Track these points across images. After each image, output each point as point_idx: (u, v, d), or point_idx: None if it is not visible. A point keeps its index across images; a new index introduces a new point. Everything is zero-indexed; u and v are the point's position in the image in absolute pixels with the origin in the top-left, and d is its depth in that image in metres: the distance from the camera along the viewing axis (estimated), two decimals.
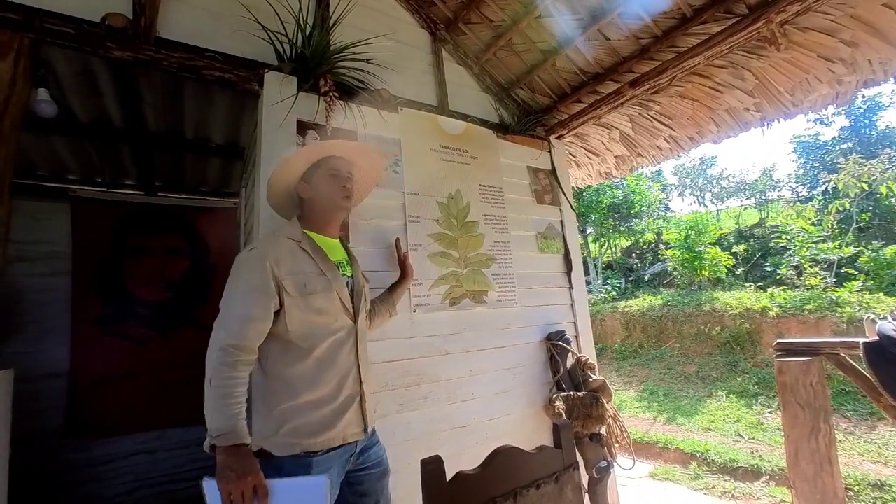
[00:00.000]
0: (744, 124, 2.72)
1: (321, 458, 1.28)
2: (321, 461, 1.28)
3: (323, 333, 1.34)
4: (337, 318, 1.37)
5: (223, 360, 1.20)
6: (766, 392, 5.38)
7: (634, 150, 3.29)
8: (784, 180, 14.47)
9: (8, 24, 1.61)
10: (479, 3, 2.62)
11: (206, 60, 1.96)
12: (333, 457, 1.32)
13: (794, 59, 2.28)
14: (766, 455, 3.94)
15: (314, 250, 1.39)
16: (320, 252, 1.41)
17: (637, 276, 11.71)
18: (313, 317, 1.31)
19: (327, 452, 1.30)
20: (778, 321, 6.22)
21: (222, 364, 1.19)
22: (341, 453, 1.35)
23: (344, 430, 1.34)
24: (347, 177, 1.51)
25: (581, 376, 2.53)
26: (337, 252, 1.51)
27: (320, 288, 1.33)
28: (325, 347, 1.33)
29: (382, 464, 1.50)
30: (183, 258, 3.39)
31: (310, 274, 1.34)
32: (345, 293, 1.40)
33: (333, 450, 1.32)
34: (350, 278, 1.48)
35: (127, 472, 3.11)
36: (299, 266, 1.33)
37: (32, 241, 2.96)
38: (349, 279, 1.47)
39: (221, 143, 3.00)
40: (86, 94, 2.36)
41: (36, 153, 2.90)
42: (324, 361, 1.33)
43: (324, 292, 1.33)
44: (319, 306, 1.32)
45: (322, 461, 1.28)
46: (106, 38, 1.76)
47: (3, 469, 1.49)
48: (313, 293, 1.31)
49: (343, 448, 1.35)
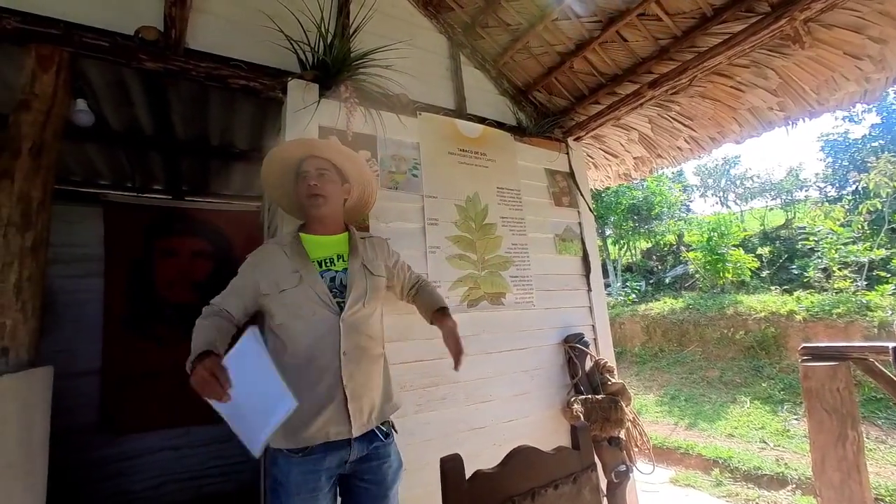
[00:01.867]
0: (767, 124, 2.67)
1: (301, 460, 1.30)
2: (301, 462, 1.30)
3: (302, 328, 1.36)
4: (315, 313, 1.37)
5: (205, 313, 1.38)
6: (793, 398, 5.23)
7: (654, 151, 3.26)
8: (811, 180, 14.01)
9: (50, 38, 1.71)
10: (496, 6, 2.64)
11: (232, 69, 2.03)
12: (318, 460, 1.31)
13: (819, 56, 2.23)
14: (793, 463, 3.83)
15: (294, 251, 1.45)
16: (300, 251, 1.45)
17: (657, 279, 11.50)
18: (291, 310, 1.37)
19: (311, 453, 1.30)
20: (805, 325, 6.04)
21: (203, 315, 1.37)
22: (326, 455, 1.32)
23: (325, 429, 1.30)
24: (316, 174, 1.50)
25: (600, 379, 2.52)
26: (330, 248, 1.51)
27: (291, 285, 1.38)
28: (304, 343, 1.36)
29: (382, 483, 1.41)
30: (208, 260, 3.49)
31: (282, 273, 1.40)
32: (320, 287, 1.39)
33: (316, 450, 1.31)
34: (340, 272, 1.46)
35: (154, 467, 3.22)
36: (275, 267, 1.42)
37: (67, 244, 3.09)
38: (337, 273, 1.46)
39: (245, 148, 3.09)
40: (119, 103, 2.46)
41: (71, 160, 3.03)
42: (304, 355, 1.35)
43: (294, 288, 1.38)
44: (292, 302, 1.37)
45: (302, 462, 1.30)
46: (139, 51, 1.85)
47: (43, 461, 1.57)
48: (285, 290, 1.38)
49: (328, 446, 1.32)
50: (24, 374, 1.45)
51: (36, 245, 1.59)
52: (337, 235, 1.56)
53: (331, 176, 1.54)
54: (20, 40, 1.68)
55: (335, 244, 1.53)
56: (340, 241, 1.55)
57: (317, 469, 1.31)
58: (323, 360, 1.35)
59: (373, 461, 1.40)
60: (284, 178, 1.64)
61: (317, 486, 1.31)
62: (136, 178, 3.43)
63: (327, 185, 1.51)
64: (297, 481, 1.29)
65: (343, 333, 1.37)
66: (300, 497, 1.29)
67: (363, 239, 1.62)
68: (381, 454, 1.43)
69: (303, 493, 1.29)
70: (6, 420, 1.30)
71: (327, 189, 1.51)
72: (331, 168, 1.55)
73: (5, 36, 1.66)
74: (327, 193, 1.50)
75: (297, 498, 1.29)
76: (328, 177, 1.52)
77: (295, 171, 1.57)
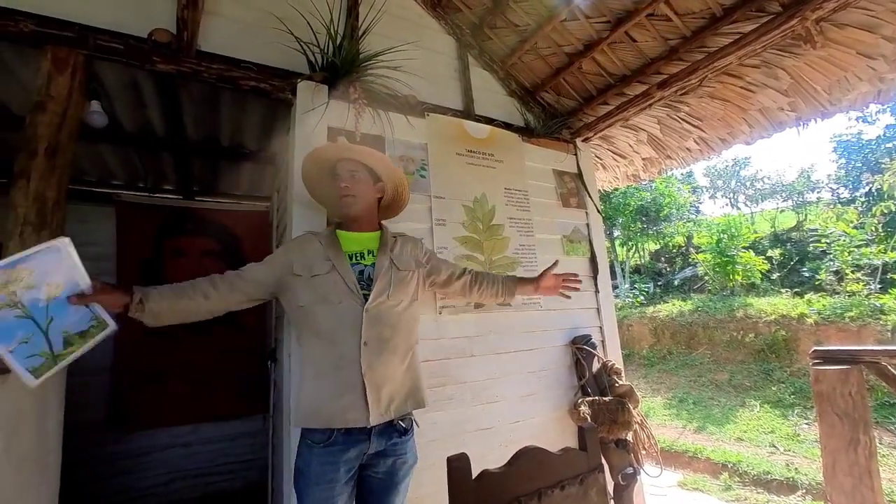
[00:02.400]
0: (778, 124, 2.64)
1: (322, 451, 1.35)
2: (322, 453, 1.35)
3: (328, 313, 1.43)
4: (341, 300, 1.44)
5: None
6: (804, 402, 5.17)
7: (663, 153, 3.24)
8: (823, 181, 13.83)
9: (65, 41, 1.74)
10: (505, 8, 2.64)
11: (242, 71, 2.06)
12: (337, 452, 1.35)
13: (831, 56, 2.20)
14: (803, 468, 3.79)
15: (329, 242, 1.55)
16: (334, 243, 1.55)
17: (666, 281, 11.42)
18: (318, 295, 1.45)
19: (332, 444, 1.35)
20: (816, 329, 5.97)
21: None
22: (347, 447, 1.36)
23: (343, 415, 1.35)
24: (348, 176, 1.60)
25: (607, 381, 2.51)
26: (362, 243, 1.60)
27: (323, 271, 1.47)
28: (329, 328, 1.43)
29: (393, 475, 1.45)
30: (217, 260, 3.52)
31: (316, 259, 1.50)
32: (350, 276, 1.47)
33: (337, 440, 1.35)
34: (369, 266, 1.54)
35: (163, 464, 3.25)
36: (310, 254, 1.52)
37: (81, 243, 3.06)
38: (366, 267, 1.54)
39: (254, 149, 3.12)
40: (132, 105, 2.50)
41: (85, 160, 3.08)
42: (327, 340, 1.43)
43: (325, 274, 1.46)
44: (321, 286, 1.45)
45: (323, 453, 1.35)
46: (152, 53, 1.88)
47: (57, 456, 1.60)
48: (316, 275, 1.46)
49: (347, 438, 1.36)
50: None
51: None
52: (370, 233, 1.64)
53: (362, 176, 1.62)
54: (36, 42, 1.71)
55: (367, 240, 1.61)
56: (372, 238, 1.63)
57: (335, 461, 1.36)
58: (344, 348, 1.41)
59: (389, 457, 1.45)
60: (323, 179, 1.73)
61: (334, 478, 1.35)
62: (147, 179, 3.48)
63: (358, 186, 1.60)
64: (317, 471, 1.35)
65: (365, 323, 1.42)
66: (318, 487, 1.34)
67: (395, 237, 1.68)
68: (398, 450, 1.47)
69: (321, 483, 1.34)
70: (22, 415, 1.33)
71: (358, 189, 1.59)
72: (362, 169, 1.63)
73: (22, 38, 1.70)
74: (358, 193, 1.59)
75: (315, 487, 1.34)
76: (359, 177, 1.61)
77: (331, 172, 1.66)
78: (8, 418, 1.24)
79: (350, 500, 1.42)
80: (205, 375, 3.33)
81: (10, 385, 1.25)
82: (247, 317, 3.47)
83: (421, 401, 1.54)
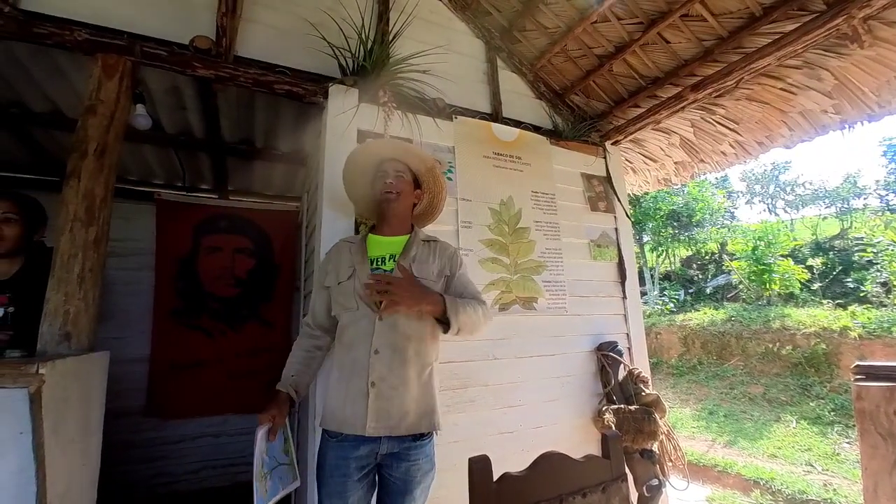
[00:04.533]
0: (821, 127, 2.54)
1: (335, 444, 1.41)
2: (335, 447, 1.41)
3: (349, 319, 1.47)
4: (358, 307, 1.45)
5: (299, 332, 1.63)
6: (845, 420, 4.90)
7: (696, 156, 3.15)
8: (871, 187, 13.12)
9: (114, 49, 1.84)
10: (534, 10, 2.63)
11: (277, 75, 2.13)
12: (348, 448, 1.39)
13: (879, 56, 2.10)
14: (843, 489, 3.59)
15: (357, 248, 1.55)
16: (362, 249, 1.54)
17: (697, 288, 11.05)
18: (341, 302, 1.49)
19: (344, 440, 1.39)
20: (860, 343, 5.65)
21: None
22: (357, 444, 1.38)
23: (349, 424, 1.38)
24: (395, 174, 1.61)
25: (633, 389, 2.46)
26: (387, 248, 1.55)
27: (345, 277, 1.49)
28: (349, 333, 1.46)
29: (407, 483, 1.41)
30: (249, 257, 3.63)
31: (342, 266, 1.52)
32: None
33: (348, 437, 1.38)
34: (387, 272, 1.47)
35: (194, 452, 3.38)
36: (339, 261, 1.55)
37: (123, 239, 3.30)
38: (384, 272, 1.46)
39: (286, 150, 3.21)
40: (173, 108, 2.62)
41: (129, 160, 3.24)
42: (346, 346, 1.46)
43: (347, 280, 1.49)
44: (343, 292, 1.49)
45: (336, 447, 1.40)
46: (193, 59, 1.97)
47: (98, 440, 1.69)
48: (341, 282, 1.49)
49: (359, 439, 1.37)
50: (85, 357, 1.56)
51: (97, 239, 1.71)
52: (399, 237, 1.59)
53: (406, 178, 1.64)
54: (89, 50, 1.82)
55: (393, 245, 1.57)
56: (399, 243, 1.57)
57: (347, 456, 1.39)
58: (358, 354, 1.42)
59: (402, 461, 1.41)
60: (358, 179, 1.76)
61: (346, 473, 1.37)
62: (186, 178, 3.63)
63: (401, 184, 1.61)
64: (332, 464, 1.40)
65: (377, 331, 1.41)
66: (333, 479, 1.38)
67: (426, 242, 1.60)
68: (412, 456, 1.42)
69: (335, 476, 1.38)
70: (69, 399, 1.41)
71: (401, 187, 1.61)
72: (407, 172, 1.65)
73: (76, 46, 1.81)
74: (400, 190, 1.60)
75: (331, 480, 1.39)
76: (404, 179, 1.63)
77: (373, 171, 1.67)
78: (57, 402, 1.32)
79: (367, 495, 1.42)
80: (236, 369, 3.44)
81: (59, 370, 1.33)
82: (276, 314, 3.60)
83: (436, 423, 1.47)
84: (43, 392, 1.24)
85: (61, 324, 1.58)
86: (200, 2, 2.05)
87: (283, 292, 3.64)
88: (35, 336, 1.56)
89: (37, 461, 1.24)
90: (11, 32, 1.73)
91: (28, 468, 1.23)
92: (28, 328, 1.58)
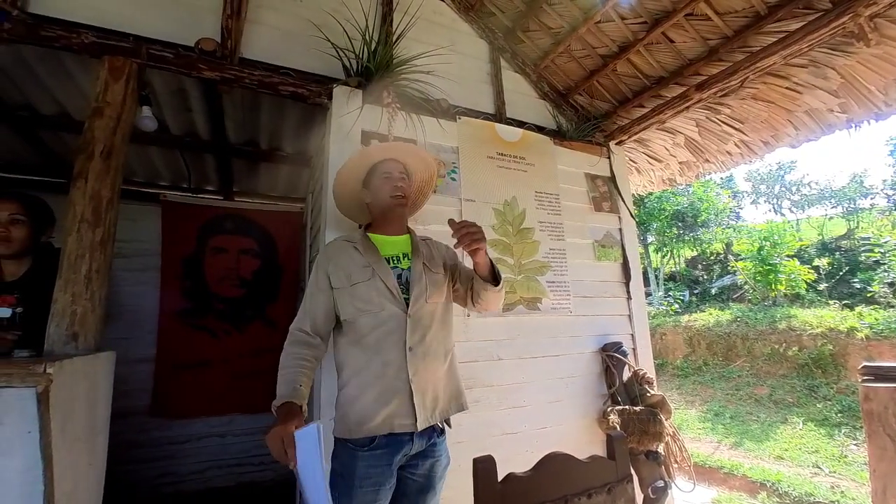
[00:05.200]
0: (827, 126, 2.52)
1: (366, 454, 1.33)
2: (366, 456, 1.33)
3: (370, 321, 1.41)
4: (383, 307, 1.41)
5: (287, 341, 1.43)
6: (852, 422, 4.86)
7: (701, 156, 3.14)
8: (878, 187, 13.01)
9: (121, 51, 1.86)
10: (538, 11, 2.63)
11: (282, 77, 2.14)
12: (381, 456, 1.34)
13: (886, 54, 2.08)
14: (850, 492, 3.56)
15: (365, 247, 1.50)
16: (371, 248, 1.50)
17: (703, 289, 10.99)
18: (359, 304, 1.42)
19: (376, 447, 1.33)
20: (867, 344, 5.61)
21: (286, 344, 1.43)
22: (391, 449, 1.35)
23: (390, 421, 1.34)
24: (400, 177, 1.59)
25: (638, 390, 2.44)
26: (397, 247, 1.57)
27: (363, 278, 1.43)
28: (372, 336, 1.40)
29: (430, 478, 1.44)
30: (254, 258, 3.65)
31: (355, 267, 1.46)
32: (391, 282, 1.43)
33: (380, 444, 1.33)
34: (406, 270, 1.51)
35: (200, 452, 3.39)
36: (347, 261, 1.48)
37: (130, 240, 3.32)
38: (403, 270, 1.50)
39: (291, 152, 3.23)
40: (178, 110, 2.64)
41: (135, 162, 3.27)
42: (370, 349, 1.40)
43: (366, 282, 1.43)
44: (363, 295, 1.42)
45: (368, 456, 1.33)
46: (198, 61, 1.98)
47: (104, 439, 1.70)
48: (357, 283, 1.43)
49: (391, 440, 1.34)
50: (92, 357, 1.58)
51: (104, 240, 1.73)
52: (401, 236, 1.61)
53: (408, 180, 1.63)
54: (95, 52, 1.84)
55: (401, 244, 1.58)
56: (405, 242, 1.60)
57: (380, 464, 1.34)
58: (389, 355, 1.38)
59: (428, 458, 1.43)
60: (350, 183, 1.69)
61: (379, 481, 1.34)
62: (191, 180, 3.65)
63: (407, 188, 1.60)
64: (361, 474, 1.32)
65: (409, 328, 1.41)
66: (363, 490, 1.31)
67: (423, 240, 1.66)
68: (436, 452, 1.46)
69: (366, 487, 1.32)
70: (76, 398, 1.42)
71: (408, 190, 1.60)
72: (405, 172, 1.63)
73: (83, 48, 1.82)
74: (408, 194, 1.60)
75: (360, 490, 1.31)
76: (407, 180, 1.62)
77: (365, 171, 1.63)
78: (65, 402, 1.33)
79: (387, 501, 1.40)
80: (240, 369, 3.45)
81: (67, 370, 1.34)
82: (281, 315, 3.61)
83: (463, 403, 1.53)
84: (51, 392, 1.25)
85: (68, 324, 1.60)
86: (206, 4, 2.07)
87: (287, 293, 3.66)
88: (43, 336, 1.57)
89: (44, 460, 1.25)
90: (20, 35, 1.75)
91: (35, 467, 1.24)
92: (36, 328, 1.59)
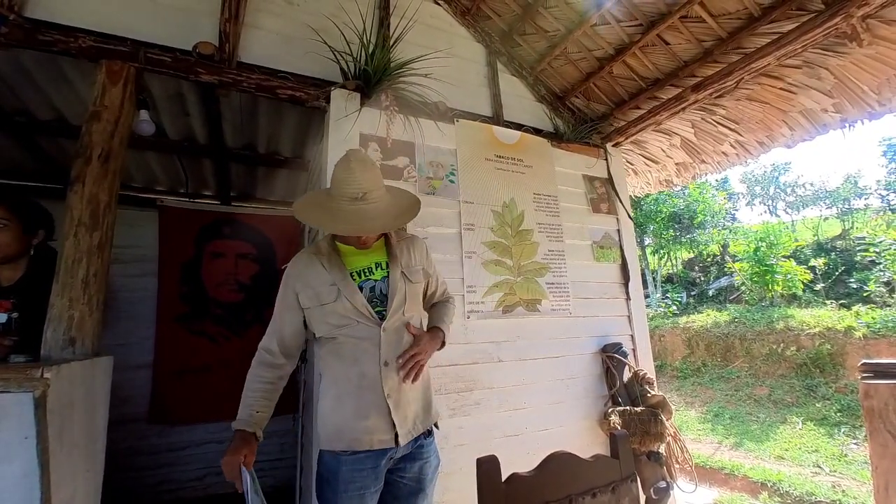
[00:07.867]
0: (821, 126, 2.54)
1: (349, 458, 1.32)
2: (350, 460, 1.32)
3: (344, 338, 1.36)
4: (357, 323, 1.35)
5: (254, 359, 1.45)
6: (852, 421, 4.87)
7: (697, 157, 3.15)
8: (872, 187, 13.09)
9: (118, 55, 1.86)
10: (534, 14, 2.65)
11: (280, 80, 2.14)
12: (364, 459, 1.32)
13: (879, 54, 2.10)
14: (852, 490, 3.56)
15: (331, 263, 1.41)
16: (337, 263, 1.41)
17: (700, 291, 11.03)
18: (332, 321, 1.36)
19: (354, 455, 1.32)
20: (865, 342, 5.63)
21: (253, 362, 1.44)
22: (374, 458, 1.33)
23: (370, 437, 1.32)
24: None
25: (638, 391, 2.44)
26: (369, 257, 1.46)
27: (331, 299, 1.36)
28: (348, 352, 1.36)
29: (421, 481, 1.42)
30: (253, 263, 3.64)
31: (322, 286, 1.37)
32: (358, 300, 1.35)
33: (361, 453, 1.32)
34: (380, 281, 1.42)
35: (199, 458, 3.35)
36: (315, 279, 1.39)
37: (127, 245, 3.31)
38: (377, 282, 1.42)
39: (289, 155, 3.22)
40: (176, 114, 2.64)
41: (133, 166, 3.26)
42: (347, 360, 1.36)
43: (334, 303, 1.36)
44: (332, 314, 1.36)
45: (351, 460, 1.32)
46: (196, 64, 1.98)
47: (102, 446, 1.68)
48: (325, 304, 1.36)
49: (373, 453, 1.33)
50: (89, 362, 1.56)
51: (102, 244, 1.72)
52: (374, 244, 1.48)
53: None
54: (93, 57, 1.84)
55: (374, 253, 1.47)
56: (377, 249, 1.48)
57: (364, 468, 1.32)
58: (365, 367, 1.35)
59: (416, 460, 1.42)
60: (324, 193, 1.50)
61: (364, 485, 1.32)
62: (189, 185, 3.64)
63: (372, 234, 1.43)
64: (346, 479, 1.31)
65: (383, 343, 1.35)
66: (348, 494, 1.30)
67: (401, 241, 1.54)
68: (424, 454, 1.44)
69: (350, 491, 1.30)
70: (73, 404, 1.41)
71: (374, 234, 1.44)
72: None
73: (81, 53, 1.82)
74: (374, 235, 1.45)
75: (344, 495, 1.30)
76: None
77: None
78: (62, 407, 1.32)
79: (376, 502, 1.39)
80: (239, 374, 3.42)
81: (64, 375, 1.33)
82: None
83: (436, 413, 1.50)
84: (48, 397, 1.24)
85: (66, 329, 1.58)
86: (204, 8, 2.07)
87: None
88: (39, 341, 1.56)
89: (41, 466, 1.23)
90: (17, 40, 1.75)
91: (33, 473, 1.22)
92: (33, 333, 1.57)
